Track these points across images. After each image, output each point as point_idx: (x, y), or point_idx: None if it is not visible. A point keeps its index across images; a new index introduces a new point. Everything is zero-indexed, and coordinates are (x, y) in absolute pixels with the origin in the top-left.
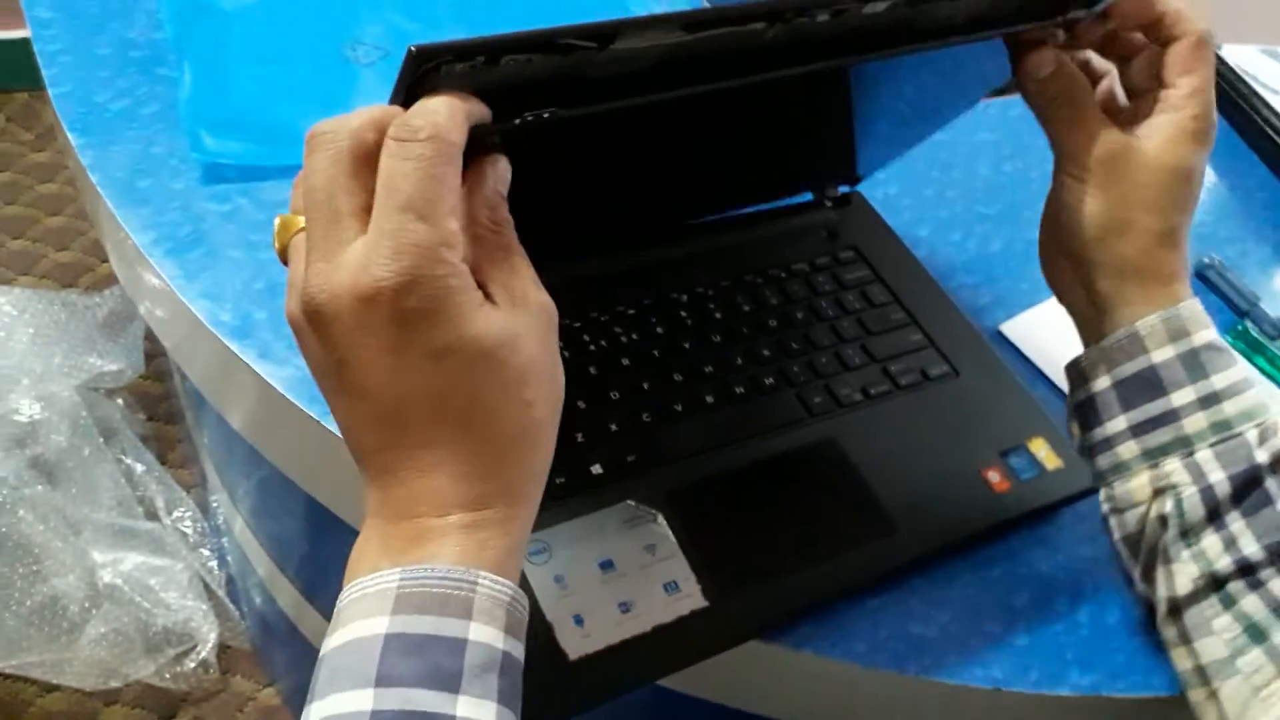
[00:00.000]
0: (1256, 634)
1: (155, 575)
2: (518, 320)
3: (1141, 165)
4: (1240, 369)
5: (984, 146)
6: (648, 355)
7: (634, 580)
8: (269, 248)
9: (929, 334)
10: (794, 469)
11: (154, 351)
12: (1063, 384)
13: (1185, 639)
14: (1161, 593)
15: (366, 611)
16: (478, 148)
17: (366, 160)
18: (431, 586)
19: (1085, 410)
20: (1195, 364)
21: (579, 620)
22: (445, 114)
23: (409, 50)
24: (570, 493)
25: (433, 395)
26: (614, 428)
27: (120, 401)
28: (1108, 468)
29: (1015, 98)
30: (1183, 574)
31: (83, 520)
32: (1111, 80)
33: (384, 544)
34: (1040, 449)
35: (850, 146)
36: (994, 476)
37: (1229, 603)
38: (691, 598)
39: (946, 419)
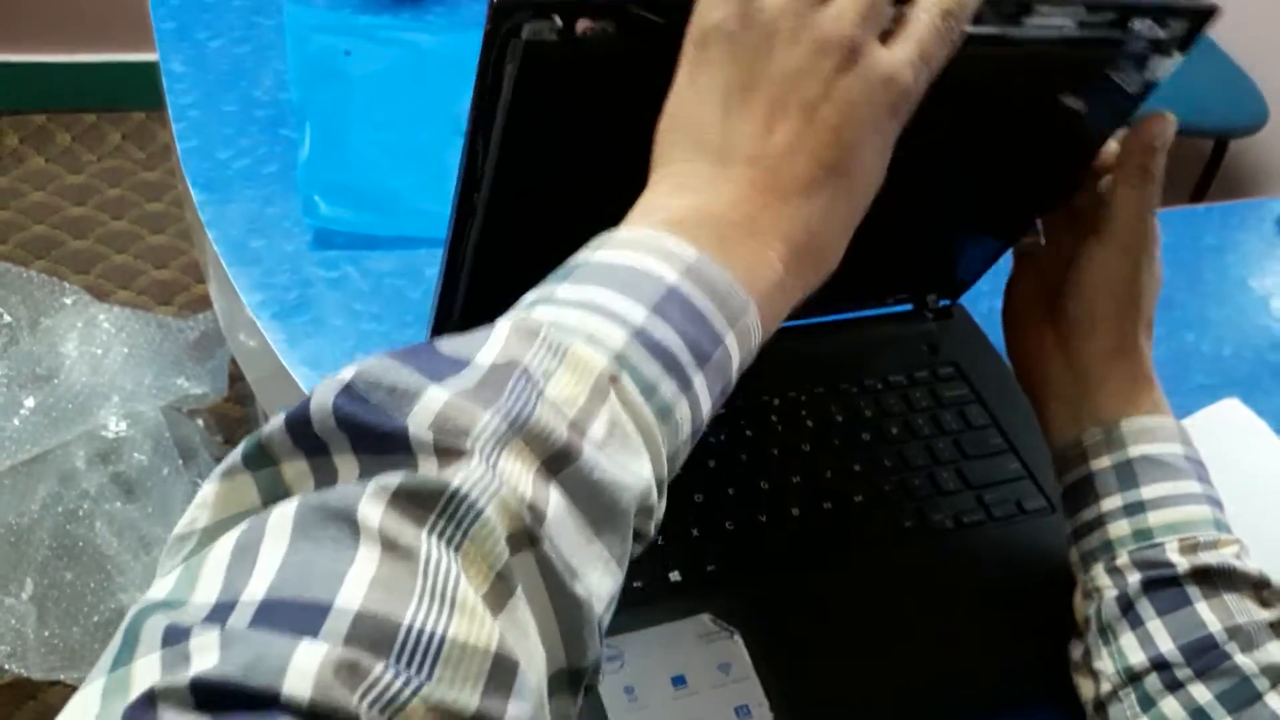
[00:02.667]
0: None
1: None
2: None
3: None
4: (1181, 485)
5: None
6: (735, 459)
7: (706, 700)
8: (372, 318)
9: (1026, 463)
10: (877, 595)
11: (236, 374)
12: None
13: None
14: (1087, 694)
15: (660, 254)
16: None
17: None
18: (719, 279)
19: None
20: (1128, 474)
21: None
22: None
23: None
24: (648, 599)
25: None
26: (695, 533)
27: (200, 422)
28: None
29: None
30: (1104, 673)
31: (154, 538)
32: None
33: (688, 222)
34: None
35: (952, 254)
36: None
37: (1147, 704)
38: None
39: (1040, 558)
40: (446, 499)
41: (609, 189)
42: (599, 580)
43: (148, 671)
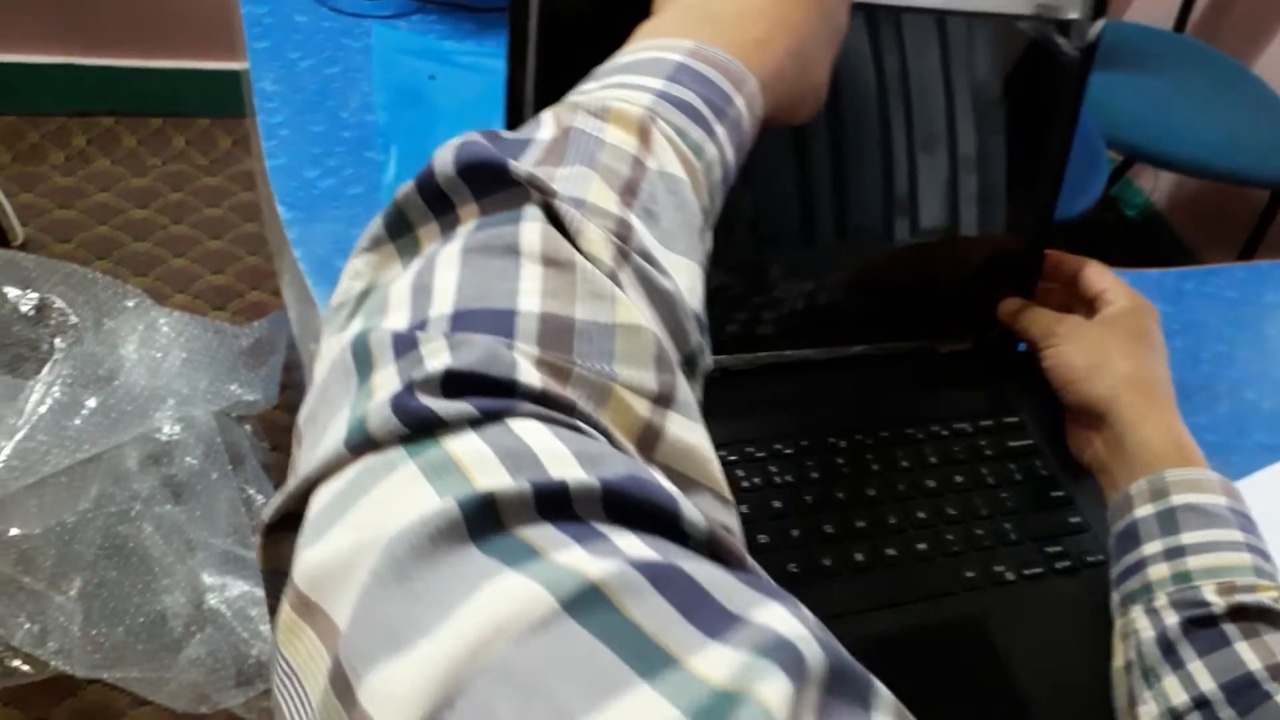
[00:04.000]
0: None
1: (257, 606)
2: None
3: (1098, 324)
4: (1222, 533)
5: None
6: (800, 501)
7: None
8: None
9: (1087, 517)
10: (939, 646)
11: (286, 382)
12: None
13: None
14: None
15: (661, 49)
16: None
17: None
18: (719, 57)
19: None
20: (1170, 521)
21: None
22: None
23: None
24: None
25: None
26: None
27: (248, 428)
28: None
29: (1191, 269)
30: (1148, 716)
31: (199, 542)
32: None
33: (682, 24)
34: None
35: (983, 283)
36: None
37: None
38: None
39: (1100, 612)
40: (571, 224)
41: None
42: (684, 280)
43: (389, 377)
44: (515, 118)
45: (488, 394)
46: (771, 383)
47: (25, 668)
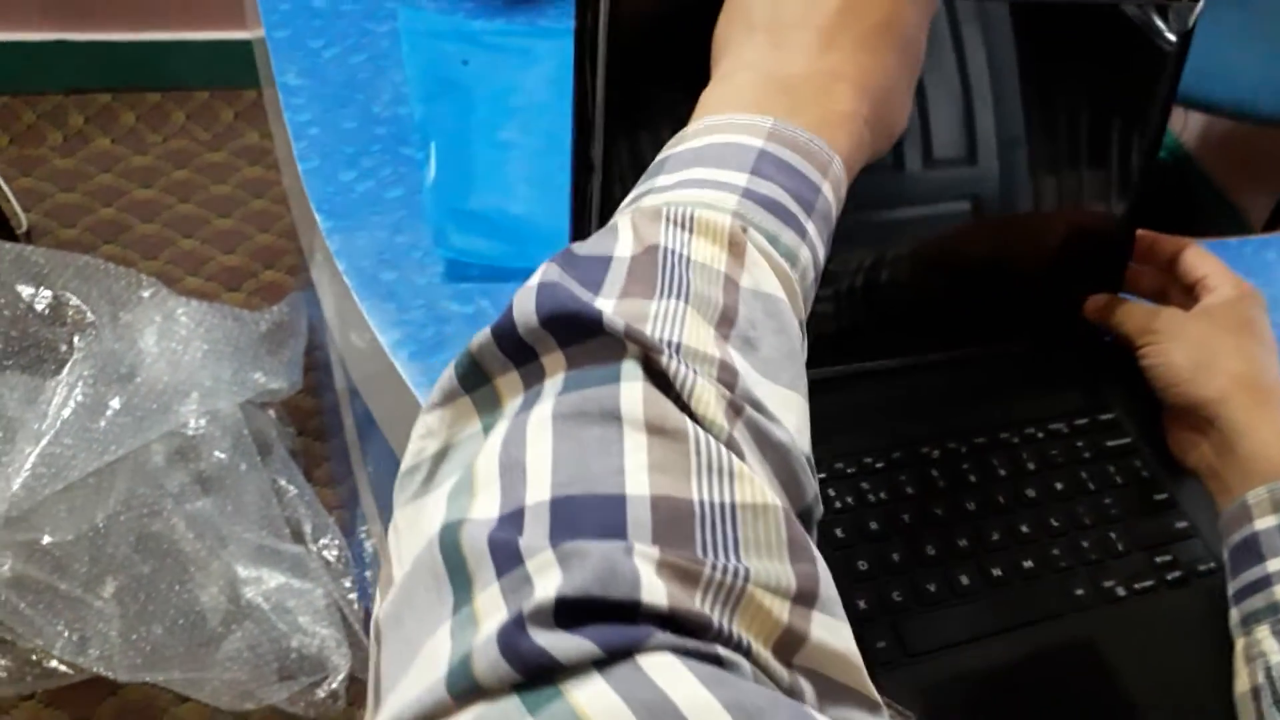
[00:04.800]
0: None
1: (294, 598)
2: None
3: (1200, 316)
4: None
5: None
6: (897, 520)
7: None
8: None
9: (1193, 521)
10: (1056, 672)
11: (309, 365)
12: None
13: None
14: None
15: (738, 131)
16: None
17: None
18: (800, 138)
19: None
20: None
21: None
22: None
23: None
24: None
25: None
26: (862, 605)
27: (273, 414)
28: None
29: (1272, 236)
30: None
31: (231, 535)
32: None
33: (756, 96)
34: None
35: (1072, 272)
36: None
37: None
38: None
39: (1215, 626)
40: (677, 380)
41: None
42: (792, 420)
43: (494, 602)
44: (584, 140)
45: (610, 620)
46: (854, 392)
47: (65, 669)
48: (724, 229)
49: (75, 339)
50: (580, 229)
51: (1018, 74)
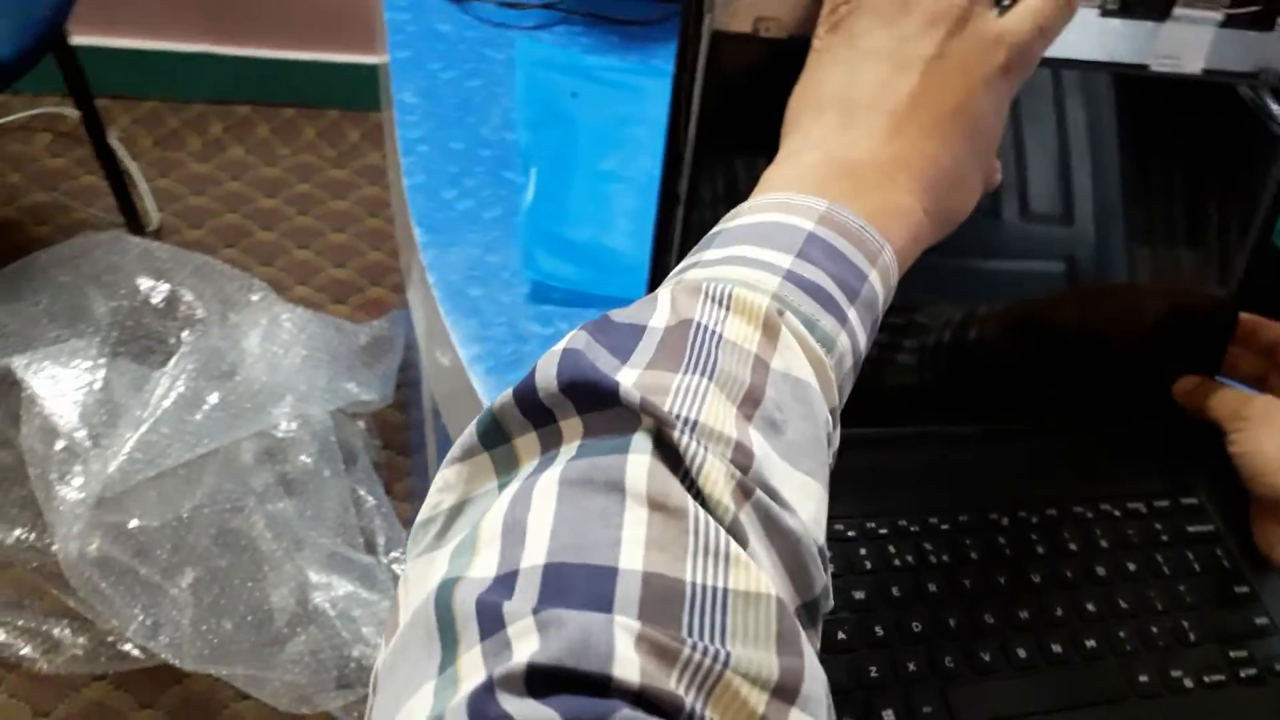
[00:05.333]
0: None
1: (360, 608)
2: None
3: None
4: None
5: None
6: (957, 584)
7: None
8: None
9: (1275, 618)
10: None
11: (401, 381)
12: None
13: None
14: None
15: (791, 211)
16: None
17: None
18: (851, 224)
19: None
20: None
21: None
22: None
23: None
24: None
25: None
26: (912, 667)
27: (361, 425)
28: None
29: None
30: None
31: (307, 539)
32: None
33: (817, 177)
34: None
35: (1162, 357)
36: None
37: None
38: None
39: None
40: (686, 457)
41: None
42: (809, 509)
43: (475, 664)
44: (672, 172)
45: (580, 691)
46: (927, 451)
47: (136, 654)
48: (760, 309)
49: (184, 333)
50: (660, 260)
51: (1125, 143)
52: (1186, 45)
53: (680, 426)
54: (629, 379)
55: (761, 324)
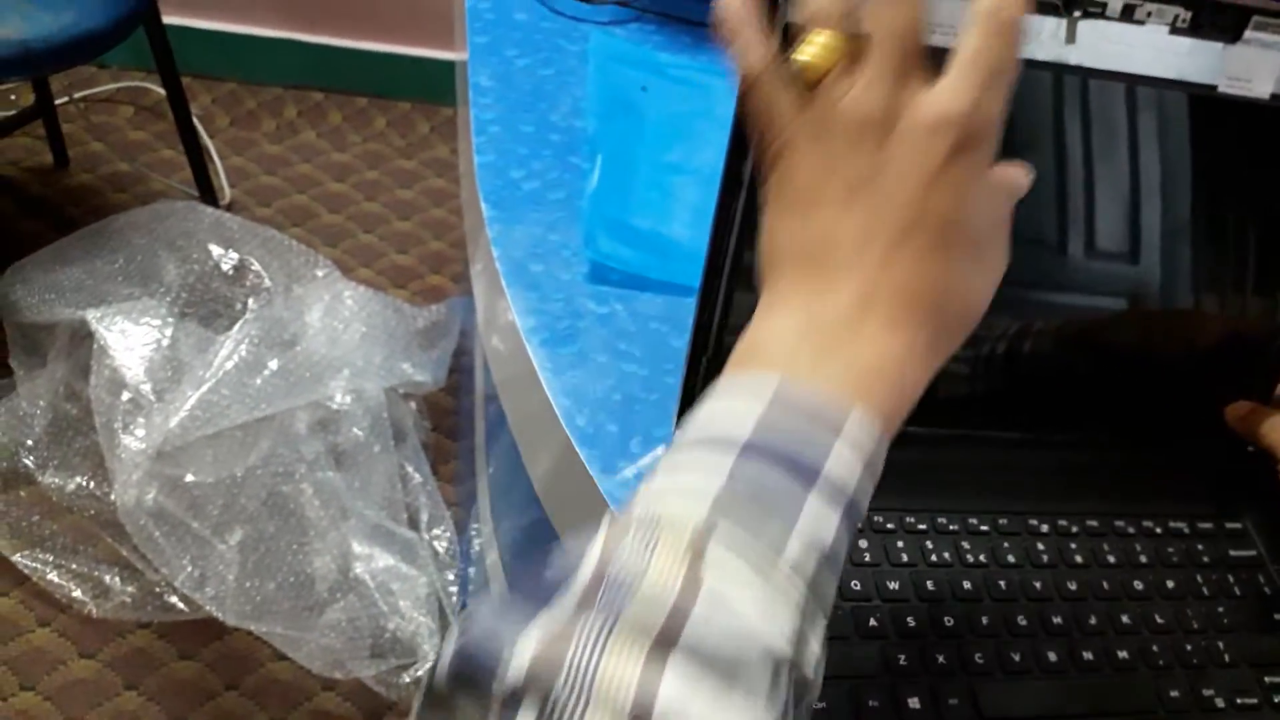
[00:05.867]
0: None
1: (399, 581)
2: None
3: None
4: None
5: None
6: (992, 585)
7: None
8: (635, 360)
9: None
10: None
11: (454, 367)
12: None
13: None
14: None
15: (742, 394)
16: None
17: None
18: (806, 399)
19: None
20: None
21: None
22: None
23: None
24: None
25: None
26: (941, 660)
27: (414, 406)
28: None
29: None
30: None
31: (353, 510)
32: None
33: (783, 344)
34: None
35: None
36: None
37: None
38: None
39: None
40: None
41: None
42: None
43: None
44: (736, 158)
45: None
46: (971, 452)
47: (181, 606)
48: (688, 535)
49: (250, 301)
50: (719, 243)
51: (1190, 167)
52: (1257, 67)
53: (566, 691)
54: (527, 647)
55: (688, 550)
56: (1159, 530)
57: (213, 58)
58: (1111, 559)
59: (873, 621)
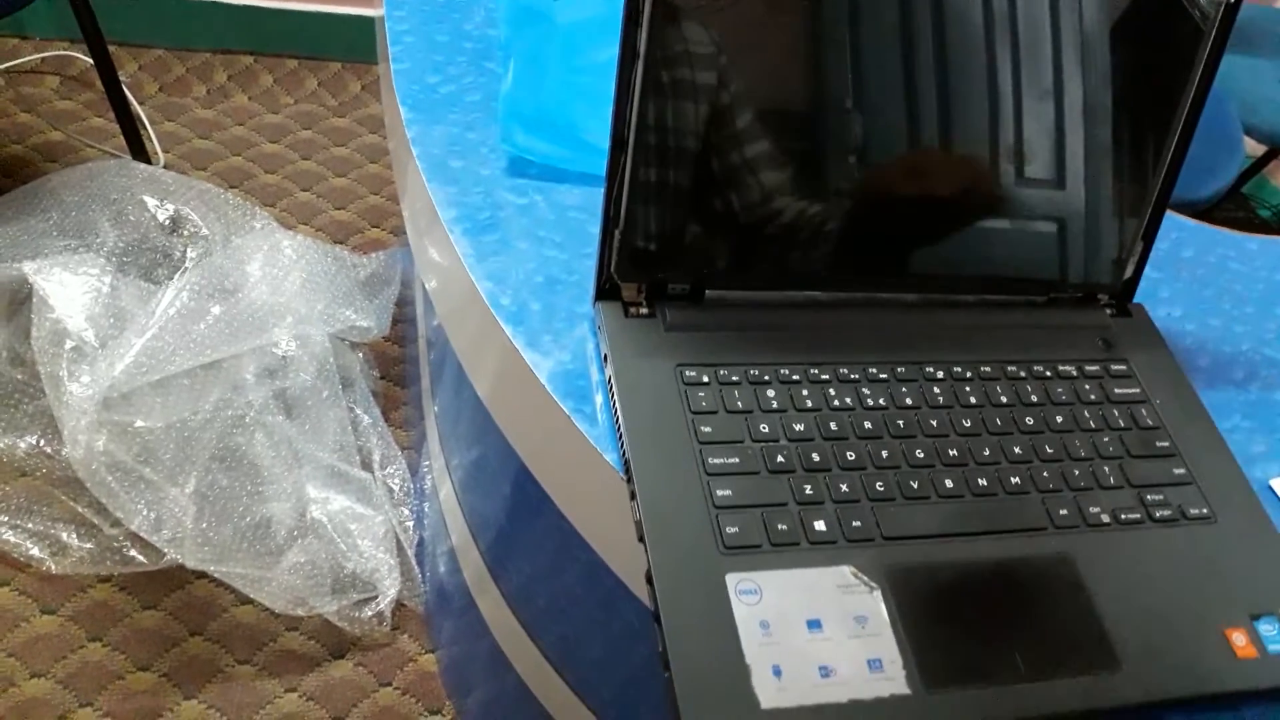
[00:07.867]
0: None
1: (356, 521)
2: None
3: None
4: None
5: None
6: (893, 424)
7: (839, 647)
8: (555, 245)
9: (1192, 470)
10: (1024, 577)
11: (399, 318)
12: None
13: None
14: None
15: None
16: None
17: None
18: None
19: None
20: None
21: (777, 671)
22: None
23: None
24: (791, 543)
25: None
26: (845, 488)
27: (361, 355)
28: None
29: None
30: None
31: (306, 455)
32: None
33: None
34: None
35: (1096, 234)
36: (1238, 640)
37: None
38: (894, 681)
39: (1196, 565)
40: None
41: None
42: None
43: None
44: (627, 71)
45: None
46: (872, 314)
47: (141, 558)
48: None
49: (189, 251)
50: (621, 113)
51: (1046, 29)
52: None
53: None
54: None
55: None
56: (1049, 374)
57: (138, 24)
58: (1004, 399)
59: (780, 458)
